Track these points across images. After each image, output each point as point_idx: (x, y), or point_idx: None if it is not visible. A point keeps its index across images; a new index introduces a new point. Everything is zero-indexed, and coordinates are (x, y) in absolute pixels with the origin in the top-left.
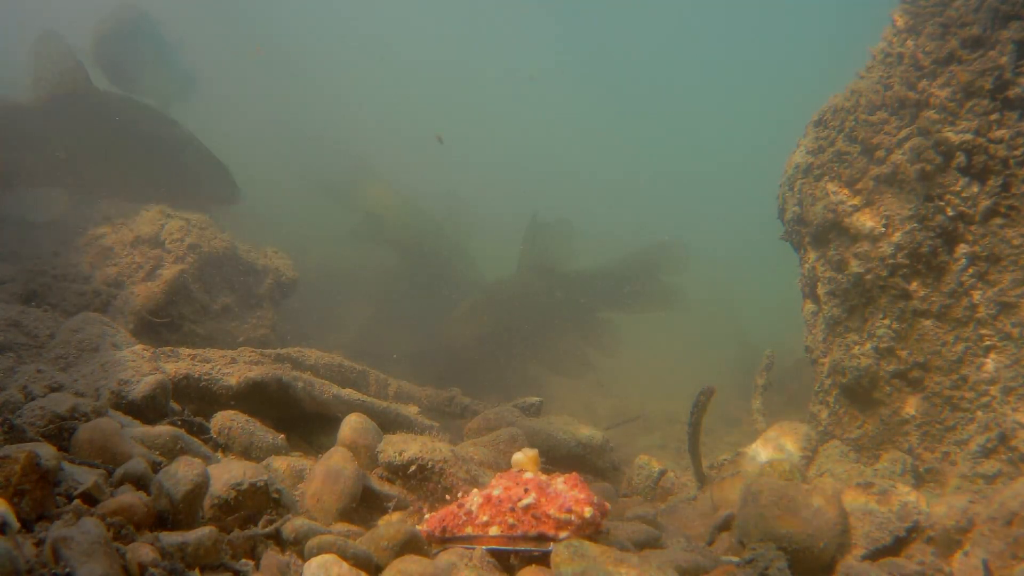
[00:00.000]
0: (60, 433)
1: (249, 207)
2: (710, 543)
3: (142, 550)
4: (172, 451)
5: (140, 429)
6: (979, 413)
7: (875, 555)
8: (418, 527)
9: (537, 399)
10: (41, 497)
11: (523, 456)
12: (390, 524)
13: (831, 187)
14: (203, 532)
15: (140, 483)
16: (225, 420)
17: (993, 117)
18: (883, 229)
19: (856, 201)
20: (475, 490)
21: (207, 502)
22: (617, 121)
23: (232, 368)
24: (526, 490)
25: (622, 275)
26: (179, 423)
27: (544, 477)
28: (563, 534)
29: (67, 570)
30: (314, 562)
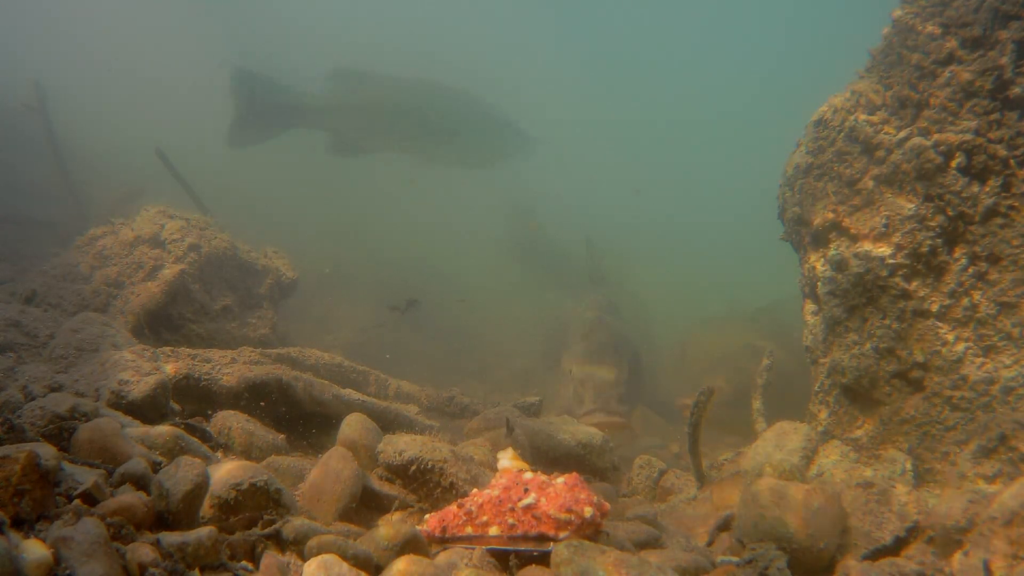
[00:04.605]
0: (60, 433)
1: (249, 207)
2: (710, 543)
3: (142, 550)
4: (172, 451)
5: (140, 429)
6: (979, 413)
7: (875, 555)
8: (418, 527)
9: (537, 399)
10: (41, 497)
11: (508, 462)
12: (390, 524)
13: (831, 187)
14: (203, 532)
15: (140, 483)
16: (225, 420)
17: (993, 117)
18: (883, 229)
19: (856, 201)
20: (475, 490)
21: (207, 502)
22: (611, 120)
23: (232, 368)
24: (526, 490)
25: None
26: (179, 423)
27: (544, 477)
28: (563, 534)
29: (67, 571)
30: (314, 562)
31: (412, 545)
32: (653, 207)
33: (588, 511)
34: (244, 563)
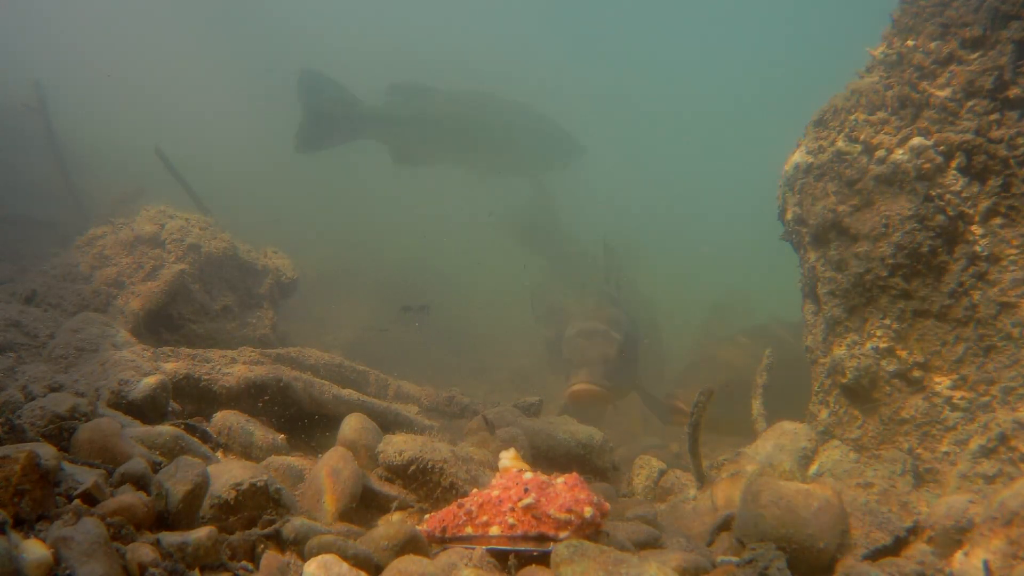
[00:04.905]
0: (60, 433)
1: (249, 207)
2: (710, 543)
3: (142, 550)
4: (172, 451)
5: (140, 429)
6: (979, 413)
7: (875, 555)
8: (418, 527)
9: (537, 399)
10: (41, 497)
11: (509, 462)
12: (390, 524)
13: (831, 187)
14: (203, 532)
15: (140, 483)
16: (225, 420)
17: (993, 117)
18: (883, 229)
19: (856, 201)
20: (475, 490)
21: (207, 502)
22: (610, 119)
23: (232, 368)
24: (526, 490)
25: None
26: (179, 423)
27: (544, 477)
28: (563, 534)
29: (67, 570)
30: (314, 562)
31: (412, 545)
32: (659, 207)
33: (588, 511)
34: (244, 563)
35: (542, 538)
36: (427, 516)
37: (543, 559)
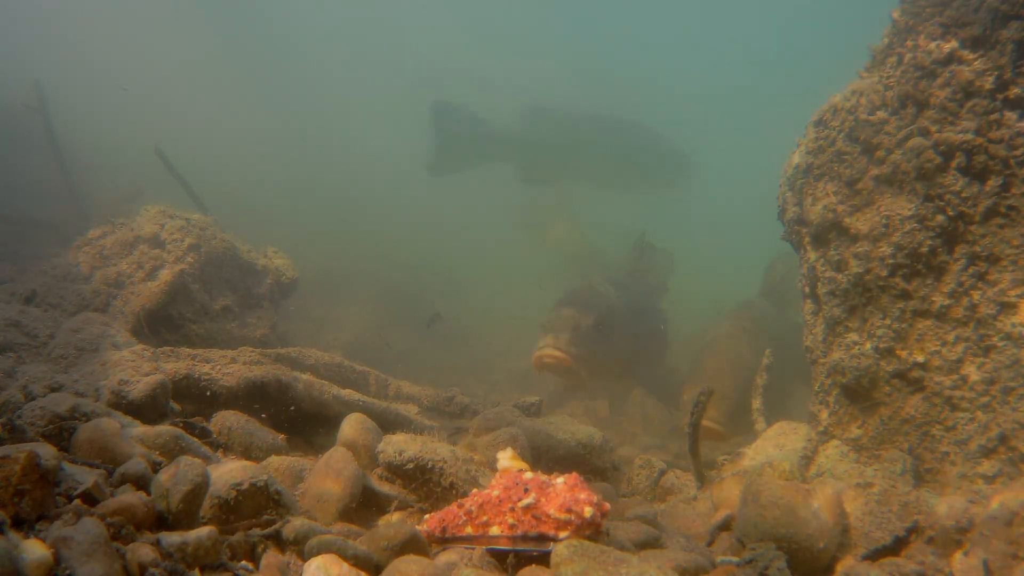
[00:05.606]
0: (60, 433)
1: (249, 207)
2: (710, 543)
3: (142, 550)
4: (172, 451)
5: (140, 429)
6: (979, 413)
7: (875, 555)
8: (418, 527)
9: (537, 399)
10: (41, 497)
11: (507, 462)
12: (390, 524)
13: (831, 187)
14: (203, 532)
15: (140, 483)
16: (225, 420)
17: (993, 117)
18: (883, 229)
19: (856, 201)
20: (475, 490)
21: (207, 502)
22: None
23: (232, 368)
24: (526, 490)
25: None
26: (179, 423)
27: (544, 477)
28: (563, 534)
29: (67, 571)
30: (314, 562)
31: (412, 545)
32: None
33: (588, 511)
34: (244, 563)
35: (542, 538)
36: (427, 516)
37: (543, 559)
